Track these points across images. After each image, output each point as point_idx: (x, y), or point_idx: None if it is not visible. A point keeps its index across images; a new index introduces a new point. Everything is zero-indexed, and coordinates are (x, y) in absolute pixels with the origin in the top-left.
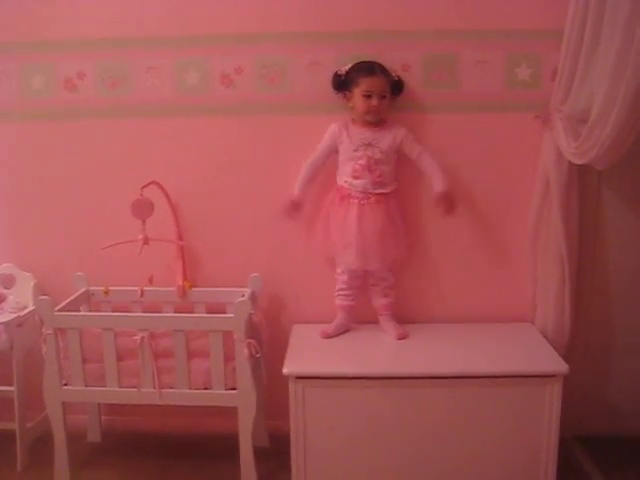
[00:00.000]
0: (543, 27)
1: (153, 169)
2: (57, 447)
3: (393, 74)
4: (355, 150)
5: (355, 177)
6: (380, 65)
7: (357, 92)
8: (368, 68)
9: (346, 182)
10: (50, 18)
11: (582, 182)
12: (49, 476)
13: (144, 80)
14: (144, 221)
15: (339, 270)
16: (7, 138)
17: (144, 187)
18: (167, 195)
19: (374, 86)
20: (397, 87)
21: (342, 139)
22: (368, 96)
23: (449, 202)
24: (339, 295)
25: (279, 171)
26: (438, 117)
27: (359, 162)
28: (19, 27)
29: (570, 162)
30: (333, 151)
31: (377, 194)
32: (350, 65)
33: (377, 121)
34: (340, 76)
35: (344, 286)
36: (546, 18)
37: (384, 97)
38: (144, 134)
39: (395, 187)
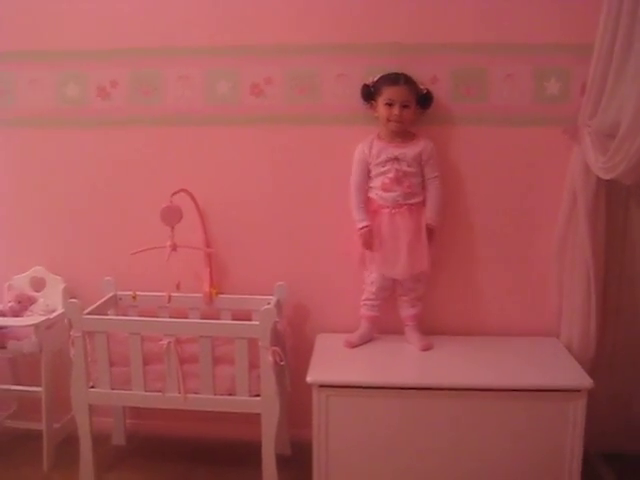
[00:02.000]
0: (572, 41)
1: (183, 177)
2: (82, 448)
3: (421, 86)
4: (383, 165)
5: (385, 190)
6: (407, 76)
7: (380, 101)
8: (393, 78)
9: (376, 195)
10: (84, 27)
11: (609, 197)
12: (74, 477)
13: (175, 89)
14: (173, 228)
15: (368, 280)
16: (40, 145)
17: (174, 194)
18: (196, 203)
19: (396, 95)
20: (425, 99)
21: (371, 158)
22: (390, 105)
23: (432, 235)
24: (365, 305)
25: (307, 181)
26: (466, 130)
27: (388, 176)
28: (54, 35)
29: (598, 177)
30: (368, 172)
31: (408, 204)
32: (378, 76)
33: (401, 133)
34: (368, 86)
35: (371, 296)
36: (575, 32)
37: (407, 107)
38: (174, 142)
39: (425, 197)
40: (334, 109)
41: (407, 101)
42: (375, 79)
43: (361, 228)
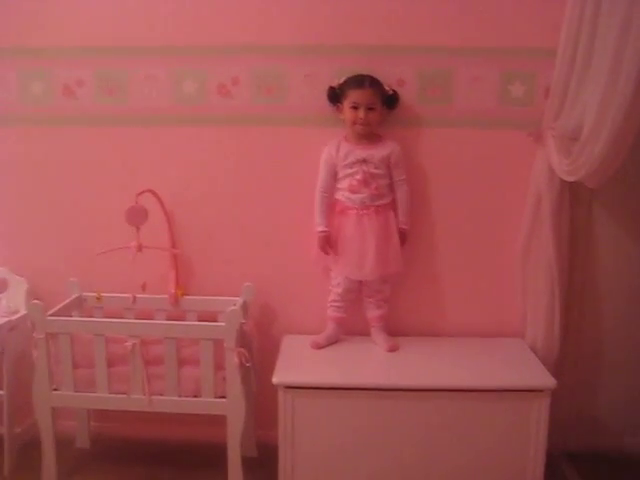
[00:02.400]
0: (538, 45)
1: (148, 177)
2: (45, 452)
3: (387, 88)
4: (350, 167)
5: (352, 192)
6: (372, 78)
7: (346, 104)
8: (358, 81)
9: (343, 196)
10: (49, 24)
11: (573, 199)
12: None
13: (141, 89)
14: (138, 228)
15: (334, 282)
16: (3, 143)
17: (139, 194)
18: (162, 203)
19: (361, 98)
20: (391, 100)
21: (338, 159)
22: (355, 108)
23: (404, 238)
24: (332, 306)
25: (274, 182)
26: (432, 132)
27: (356, 177)
28: (18, 32)
29: (562, 180)
30: (335, 174)
31: (376, 205)
32: (344, 78)
33: (368, 135)
34: (334, 89)
35: (338, 298)
36: (541, 36)
37: (372, 109)
38: (140, 142)
39: (392, 198)
40: (301, 110)
41: (372, 103)
42: (341, 81)
43: (320, 232)
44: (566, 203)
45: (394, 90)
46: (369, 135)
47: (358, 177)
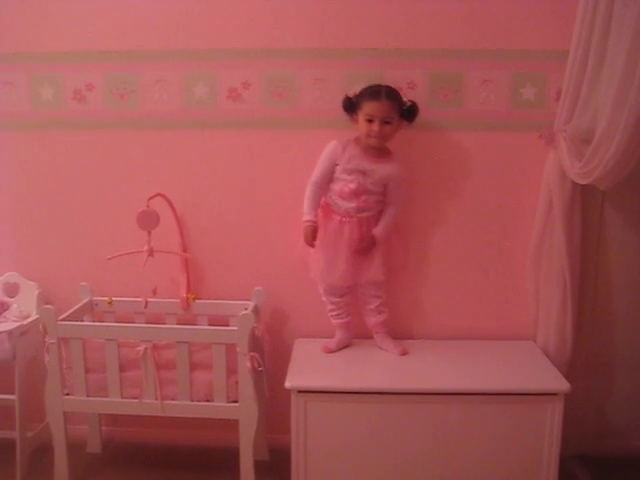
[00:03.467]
0: (549, 47)
1: (159, 181)
2: (57, 457)
3: (405, 99)
4: (349, 173)
5: (341, 198)
6: (389, 90)
7: (361, 116)
8: (374, 92)
9: (330, 199)
10: (59, 29)
11: (585, 202)
12: None
13: (152, 93)
14: (149, 232)
15: (320, 289)
16: (15, 148)
17: (150, 199)
18: (173, 207)
19: (376, 111)
20: (409, 113)
21: (340, 159)
22: (370, 120)
23: (373, 243)
24: (331, 315)
25: (284, 186)
26: (443, 135)
27: (349, 185)
28: (28, 37)
29: (574, 182)
30: (332, 171)
31: (359, 217)
32: (361, 88)
33: (379, 148)
34: (350, 99)
35: (332, 306)
36: (552, 39)
37: (388, 123)
38: (151, 146)
39: (378, 211)
40: (312, 114)
41: (388, 117)
42: (357, 91)
43: (306, 221)
44: (578, 205)
45: (412, 102)
46: (379, 148)
47: (352, 186)
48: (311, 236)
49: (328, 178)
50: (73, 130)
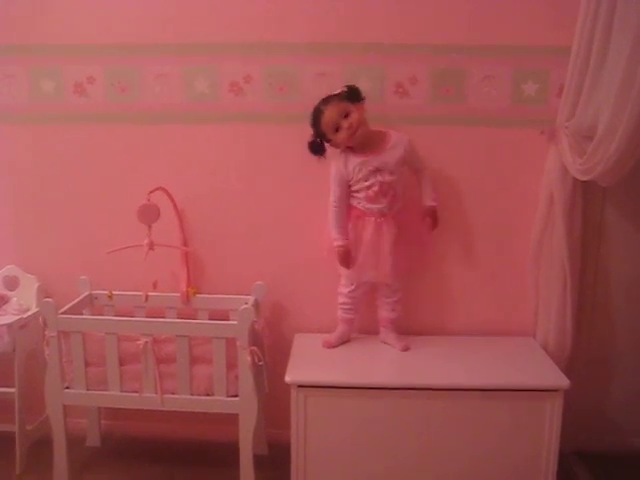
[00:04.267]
0: (551, 43)
1: (160, 175)
2: (56, 450)
3: (339, 91)
4: (366, 179)
5: (370, 202)
6: (324, 98)
7: (330, 135)
8: (317, 112)
9: (360, 204)
10: (60, 22)
11: (586, 198)
12: (48, 479)
13: (153, 86)
14: (150, 226)
15: (345, 284)
16: (15, 141)
17: (151, 192)
18: (173, 201)
19: (331, 115)
20: (353, 95)
21: (350, 173)
22: (337, 129)
23: (435, 217)
24: (341, 309)
25: (286, 180)
26: (445, 130)
27: (373, 189)
28: (28, 30)
29: (575, 178)
30: (348, 188)
31: (394, 212)
32: (310, 123)
33: (369, 138)
34: (315, 140)
35: (348, 301)
36: (554, 35)
37: (348, 114)
38: (152, 140)
39: (405, 199)
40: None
41: (343, 110)
42: (312, 131)
43: (338, 246)
44: (579, 202)
45: (346, 86)
46: (371, 137)
47: (375, 189)
48: (346, 259)
49: (345, 195)
50: (74, 123)
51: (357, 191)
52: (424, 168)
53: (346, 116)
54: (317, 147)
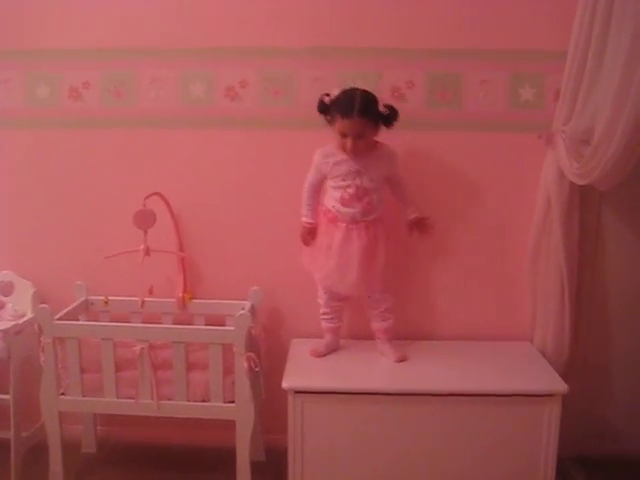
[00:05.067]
0: (547, 48)
1: (156, 180)
2: (52, 457)
3: (382, 108)
4: (343, 179)
5: (344, 205)
6: (363, 102)
7: (334, 130)
8: (346, 108)
9: (334, 207)
10: (55, 27)
11: (583, 203)
12: None
13: (148, 91)
14: (146, 232)
15: (320, 294)
16: (10, 146)
17: (147, 198)
18: (169, 206)
19: (349, 129)
20: (388, 120)
21: (328, 169)
22: (344, 135)
23: (425, 225)
24: (323, 318)
25: (282, 185)
26: (441, 135)
27: (347, 191)
28: (24, 35)
29: (572, 183)
30: (324, 179)
31: (366, 221)
32: (337, 93)
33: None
34: (325, 104)
35: (327, 310)
36: (550, 39)
37: (361, 138)
38: (148, 145)
39: (383, 211)
40: (310, 113)
41: (361, 133)
42: (333, 97)
43: (305, 222)
44: (576, 206)
45: (390, 107)
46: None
47: (350, 191)
48: (307, 236)
49: (320, 185)
50: (69, 128)
51: (334, 189)
52: (404, 184)
53: (360, 136)
54: (324, 109)
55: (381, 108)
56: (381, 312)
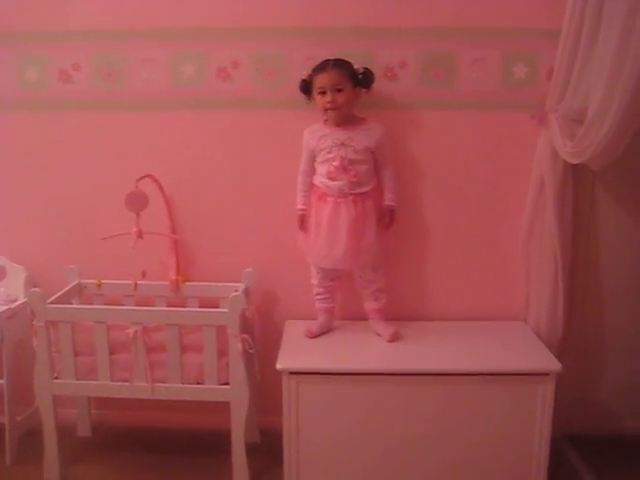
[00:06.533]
0: (540, 26)
1: (148, 162)
2: (47, 441)
3: (357, 67)
4: (328, 152)
5: (330, 178)
6: (337, 60)
7: (315, 92)
8: (321, 65)
9: (322, 183)
10: (44, 8)
11: (577, 182)
12: (38, 470)
13: (140, 72)
14: (138, 214)
15: (313, 274)
16: (0, 129)
17: (139, 180)
18: (162, 188)
19: (326, 80)
20: (365, 80)
21: (315, 144)
22: (323, 92)
23: (392, 217)
24: (317, 298)
25: (275, 166)
26: (434, 114)
27: (333, 164)
28: (13, 17)
29: (565, 161)
30: (313, 156)
31: (354, 194)
32: (311, 69)
33: (347, 118)
34: (305, 80)
35: (321, 290)
36: (543, 17)
37: (340, 91)
38: (139, 126)
39: (373, 186)
40: (301, 93)
41: (338, 84)
42: (309, 72)
43: (298, 209)
44: (569, 185)
45: (365, 68)
46: (347, 118)
47: (335, 163)
48: (303, 223)
49: (311, 165)
50: (59, 111)
51: (320, 164)
52: (390, 165)
53: (339, 90)
54: (305, 87)
55: (356, 67)
56: (373, 292)
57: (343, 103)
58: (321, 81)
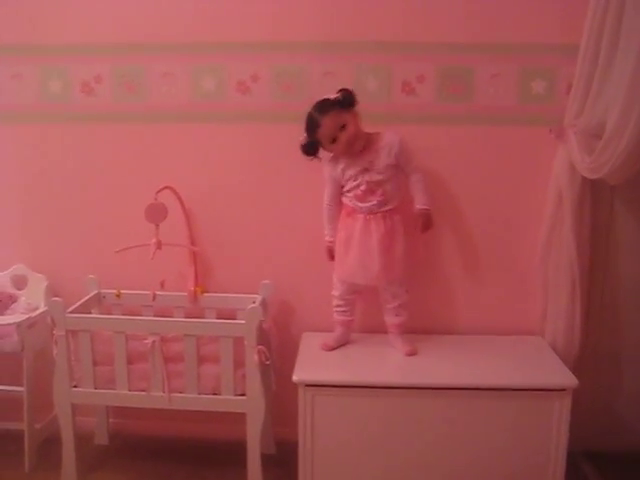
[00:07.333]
0: (558, 41)
1: (167, 174)
2: (65, 449)
3: (333, 97)
4: (354, 180)
5: (359, 201)
6: (317, 106)
7: (327, 145)
8: (312, 123)
9: (351, 202)
10: (67, 22)
11: (595, 197)
12: (56, 477)
13: (160, 86)
14: (157, 225)
15: (335, 286)
16: (22, 140)
17: (158, 192)
18: (181, 200)
19: (327, 130)
20: (347, 101)
21: (340, 175)
22: (334, 140)
23: (429, 221)
24: (336, 311)
25: (293, 179)
26: (452, 129)
27: (360, 189)
28: (36, 30)
29: (583, 177)
30: (340, 188)
31: (383, 211)
32: (304, 131)
33: (362, 143)
34: (307, 144)
35: (341, 302)
36: (561, 32)
37: (344, 126)
38: (159, 139)
39: (400, 200)
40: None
41: (339, 123)
42: (304, 134)
43: (326, 241)
44: (587, 200)
45: (339, 91)
46: (364, 140)
47: (363, 188)
48: (329, 255)
49: (337, 195)
50: (81, 123)
51: (348, 190)
52: (417, 170)
53: (343, 127)
54: (311, 150)
55: (333, 97)
56: (395, 307)
57: (355, 134)
58: (326, 131)
